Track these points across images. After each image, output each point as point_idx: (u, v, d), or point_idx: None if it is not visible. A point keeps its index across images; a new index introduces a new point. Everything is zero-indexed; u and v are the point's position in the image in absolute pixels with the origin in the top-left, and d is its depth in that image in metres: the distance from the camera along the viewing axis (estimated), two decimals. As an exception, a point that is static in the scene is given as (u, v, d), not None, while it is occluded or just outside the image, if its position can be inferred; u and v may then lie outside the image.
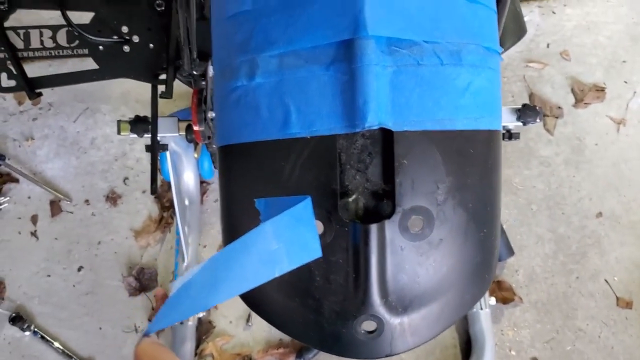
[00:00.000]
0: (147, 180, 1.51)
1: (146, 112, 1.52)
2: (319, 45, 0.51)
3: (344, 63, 0.50)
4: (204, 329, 1.38)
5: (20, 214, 1.49)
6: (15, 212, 1.49)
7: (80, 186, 1.51)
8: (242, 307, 1.40)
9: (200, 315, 1.35)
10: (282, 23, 0.52)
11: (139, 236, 1.46)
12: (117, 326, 1.40)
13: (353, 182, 0.52)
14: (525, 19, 1.67)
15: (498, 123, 0.56)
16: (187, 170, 1.39)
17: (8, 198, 1.49)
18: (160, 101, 1.53)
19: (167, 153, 1.17)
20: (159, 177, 1.50)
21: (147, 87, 1.58)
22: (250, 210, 0.54)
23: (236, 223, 0.58)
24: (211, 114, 0.91)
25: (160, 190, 1.49)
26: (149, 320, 1.39)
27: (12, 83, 0.84)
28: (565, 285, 1.43)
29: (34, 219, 1.49)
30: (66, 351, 1.37)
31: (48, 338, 1.38)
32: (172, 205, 1.47)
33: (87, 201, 1.50)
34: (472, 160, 0.54)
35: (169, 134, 1.10)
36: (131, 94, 1.59)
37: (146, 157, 1.52)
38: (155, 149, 0.85)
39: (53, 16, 0.88)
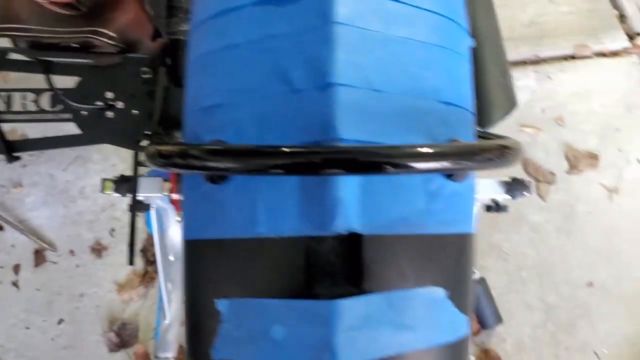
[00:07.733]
0: (133, 233, 1.49)
1: (136, 164, 1.52)
2: (289, 145, 0.50)
3: None
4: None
5: (2, 263, 1.47)
6: (-2, 261, 1.47)
7: (66, 236, 1.49)
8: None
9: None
10: (254, 119, 0.51)
11: (122, 290, 1.44)
12: (94, 383, 1.37)
13: (321, 285, 0.50)
14: (521, 83, 1.68)
15: (470, 226, 0.55)
16: (174, 226, 1.37)
17: (-8, 246, 1.47)
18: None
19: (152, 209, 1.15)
20: (145, 230, 1.49)
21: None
22: (213, 309, 0.52)
23: (197, 321, 0.55)
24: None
25: (145, 244, 1.47)
26: (127, 378, 1.36)
27: (-10, 145, 0.83)
28: (553, 357, 1.40)
29: (17, 269, 1.46)
30: (40, 407, 1.34)
31: (22, 393, 1.35)
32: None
33: (72, 251, 1.48)
34: (443, 266, 0.52)
35: (154, 194, 1.08)
36: (123, 144, 1.59)
37: (134, 209, 1.51)
38: (134, 222, 0.84)
39: (37, 78, 0.87)
